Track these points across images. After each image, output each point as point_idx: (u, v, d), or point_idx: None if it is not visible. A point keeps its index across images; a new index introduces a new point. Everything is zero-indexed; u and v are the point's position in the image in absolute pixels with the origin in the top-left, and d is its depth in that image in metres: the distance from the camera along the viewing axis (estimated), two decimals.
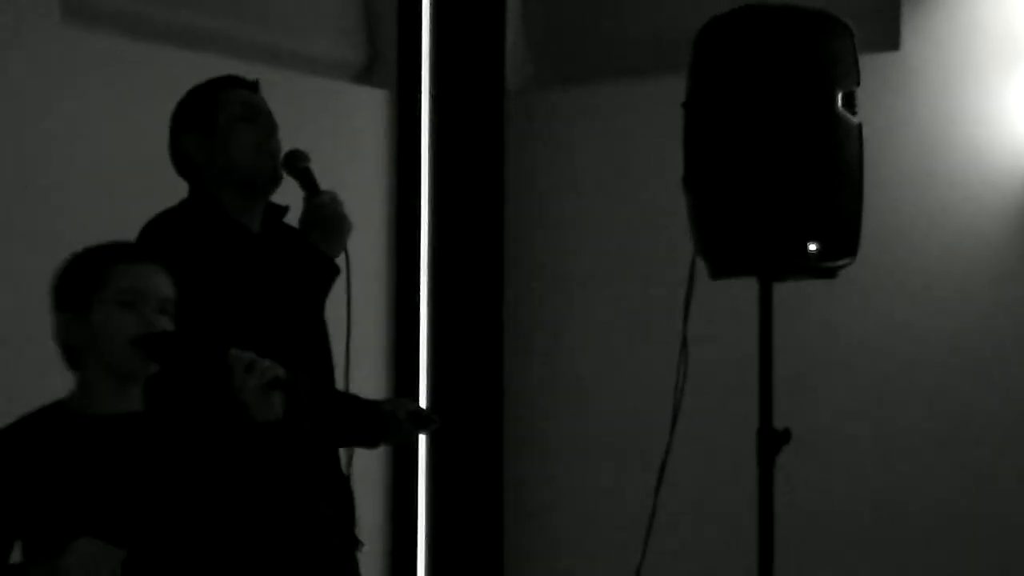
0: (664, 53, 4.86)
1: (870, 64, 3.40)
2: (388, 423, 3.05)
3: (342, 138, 3.36)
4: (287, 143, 3.09)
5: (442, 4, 5.33)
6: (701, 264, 3.29)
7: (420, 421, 3.06)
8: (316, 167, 3.11)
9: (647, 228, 4.97)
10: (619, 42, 5.29)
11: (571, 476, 5.18)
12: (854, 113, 3.18)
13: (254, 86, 3.07)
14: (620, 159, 5.15)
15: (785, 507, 3.25)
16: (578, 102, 5.29)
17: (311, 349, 3.00)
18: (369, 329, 3.11)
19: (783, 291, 3.32)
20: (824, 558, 4.59)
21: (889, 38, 4.69)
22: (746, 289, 3.33)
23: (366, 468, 3.24)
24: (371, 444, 3.14)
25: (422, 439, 5.04)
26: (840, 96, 3.16)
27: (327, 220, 2.97)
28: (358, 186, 3.25)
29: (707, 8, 3.33)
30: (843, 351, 4.69)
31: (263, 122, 3.00)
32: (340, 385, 3.11)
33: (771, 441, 3.19)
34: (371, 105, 5.25)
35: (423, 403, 5.11)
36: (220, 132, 2.96)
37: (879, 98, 4.16)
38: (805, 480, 4.30)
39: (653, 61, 5.05)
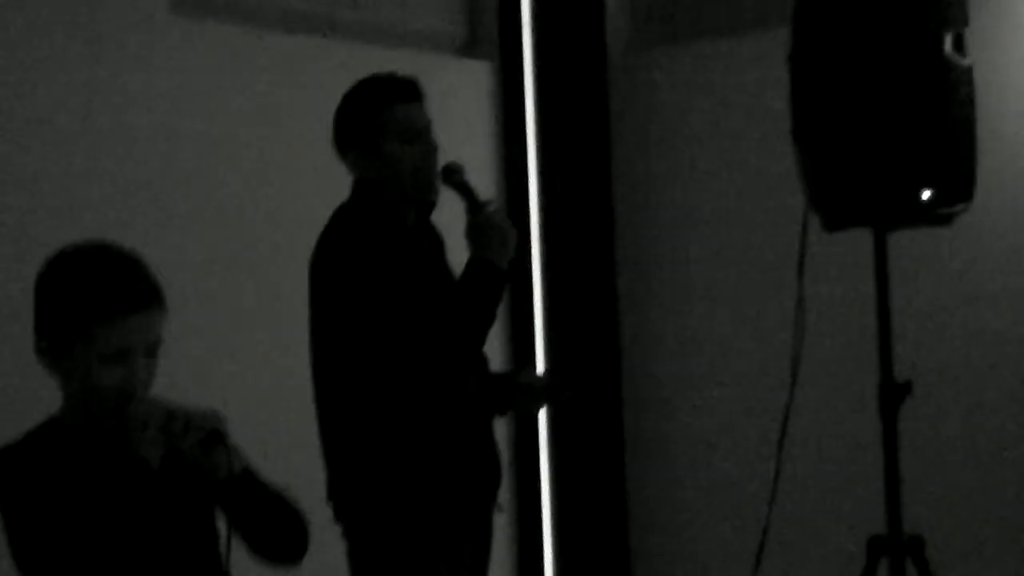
0: (765, 6, 4.81)
1: (979, 3, 3.33)
2: (522, 392, 3.28)
3: (447, 112, 3.38)
4: None
5: None
6: (814, 217, 3.25)
7: (551, 393, 3.25)
8: None
9: (757, 183, 4.94)
10: None
11: (692, 438, 5.18)
12: (964, 55, 3.11)
13: (413, 91, 3.18)
14: (726, 116, 5.11)
15: (909, 458, 3.21)
16: (680, 61, 5.26)
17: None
18: None
19: (898, 240, 3.28)
20: (952, 509, 4.53)
21: None
22: (860, 240, 3.29)
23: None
24: (502, 412, 3.34)
25: (543, 415, 5.18)
26: (949, 38, 3.09)
27: (493, 232, 3.10)
28: (465, 159, 3.27)
29: None
30: (962, 298, 4.61)
31: (422, 144, 3.15)
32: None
33: (893, 394, 3.15)
34: (475, 77, 5.27)
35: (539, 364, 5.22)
36: (383, 154, 3.12)
37: (990, 38, 4.07)
38: (929, 431, 4.24)
39: (754, 15, 5.00)
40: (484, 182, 5.29)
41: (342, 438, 3.12)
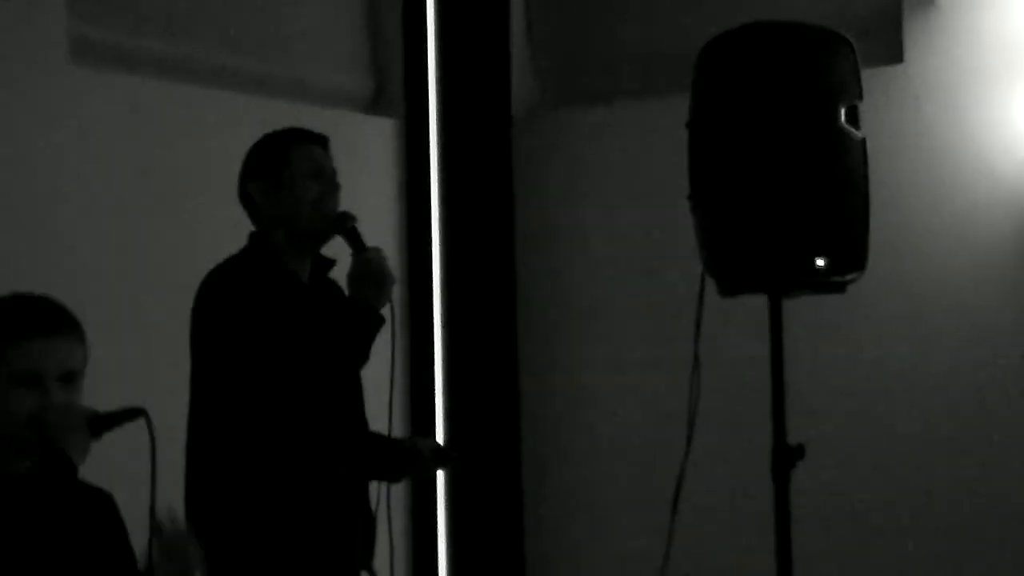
0: (668, 72, 4.89)
1: (873, 78, 3.42)
2: (411, 459, 3.30)
3: (352, 168, 3.40)
4: None
5: (447, 32, 5.36)
6: (711, 281, 3.30)
7: (441, 457, 3.28)
8: None
9: (657, 247, 4.99)
10: (623, 63, 5.32)
11: (589, 500, 5.19)
12: (858, 127, 3.19)
13: (323, 142, 3.27)
14: (628, 179, 5.18)
15: (801, 520, 3.25)
16: (584, 123, 5.32)
17: (346, 389, 3.21)
18: (384, 354, 3.26)
19: (795, 306, 3.33)
20: (842, 572, 4.59)
21: (892, 51, 4.71)
22: (757, 305, 3.34)
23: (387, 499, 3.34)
24: (394, 479, 3.36)
25: (441, 483, 5.20)
26: (843, 111, 3.16)
27: (372, 274, 3.16)
28: (369, 215, 3.30)
29: (709, 27, 3.35)
30: (855, 364, 4.70)
31: (325, 182, 3.22)
32: (384, 422, 3.30)
33: (785, 457, 3.19)
34: (380, 134, 5.29)
35: (440, 429, 5.22)
36: (285, 185, 3.19)
37: (884, 111, 4.18)
38: (821, 493, 4.29)
39: (657, 81, 5.08)
40: (387, 239, 5.30)
41: (206, 495, 3.09)
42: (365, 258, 3.17)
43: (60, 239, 4.19)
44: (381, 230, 5.27)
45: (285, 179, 3.18)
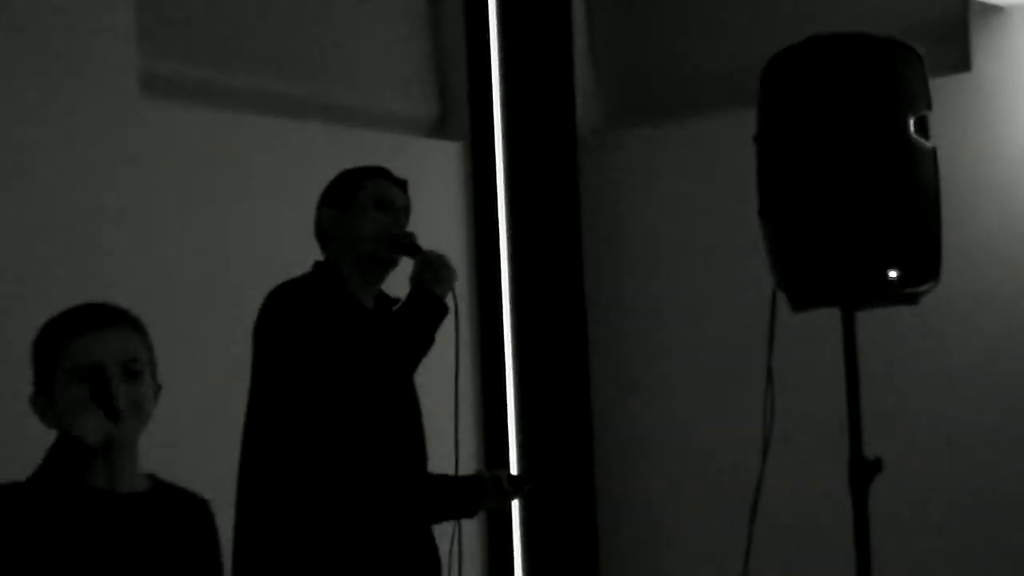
0: (734, 87, 4.88)
1: (941, 87, 3.39)
2: (486, 490, 3.31)
3: (419, 193, 3.43)
4: None
5: (511, 53, 5.39)
6: (783, 295, 3.28)
7: (515, 485, 3.31)
8: None
9: (727, 262, 4.98)
10: (687, 79, 5.32)
11: (665, 517, 5.17)
12: (927, 137, 3.16)
13: (402, 184, 3.30)
14: (696, 195, 5.16)
15: (880, 534, 3.22)
16: (650, 141, 5.32)
17: (407, 425, 3.20)
18: (449, 380, 3.27)
19: (868, 318, 3.30)
20: None
21: (959, 60, 4.67)
22: (830, 318, 3.32)
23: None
24: (467, 514, 3.35)
25: (516, 514, 5.19)
26: (912, 121, 3.14)
27: (432, 264, 3.18)
28: (437, 239, 3.31)
29: (773, 41, 3.34)
30: (930, 374, 4.65)
31: (395, 214, 3.25)
32: (450, 434, 3.30)
33: (863, 471, 3.16)
34: (446, 158, 5.31)
35: (512, 451, 5.20)
36: (354, 211, 3.22)
37: (952, 120, 4.14)
38: (899, 507, 4.25)
39: (723, 95, 5.06)
40: (455, 261, 5.24)
41: (258, 531, 3.07)
42: (424, 255, 3.20)
43: (129, 269, 4.24)
44: (449, 253, 5.27)
45: (355, 206, 3.21)
